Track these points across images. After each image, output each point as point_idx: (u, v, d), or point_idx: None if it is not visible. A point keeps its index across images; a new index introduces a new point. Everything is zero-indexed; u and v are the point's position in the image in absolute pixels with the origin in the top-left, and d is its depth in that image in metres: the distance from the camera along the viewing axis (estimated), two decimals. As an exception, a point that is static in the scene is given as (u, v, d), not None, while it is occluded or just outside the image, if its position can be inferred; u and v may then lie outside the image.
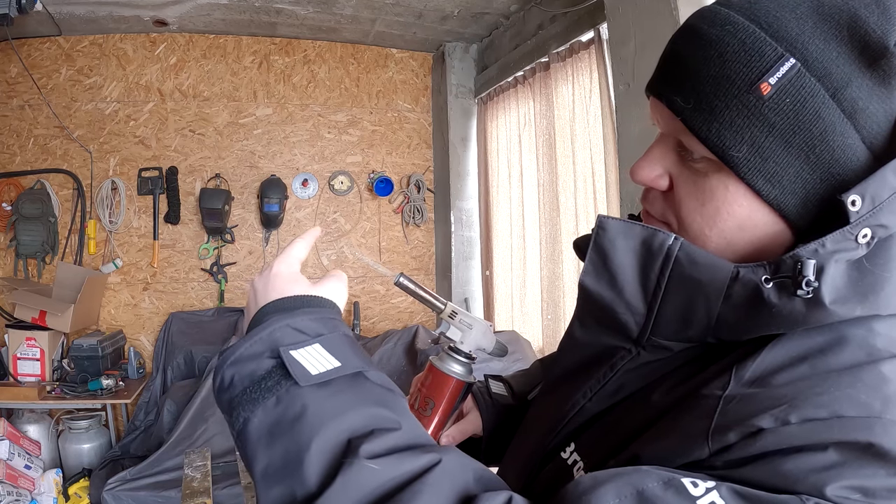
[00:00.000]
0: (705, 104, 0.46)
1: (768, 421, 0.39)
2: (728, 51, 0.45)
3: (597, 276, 0.50)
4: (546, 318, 2.97)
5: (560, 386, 0.60)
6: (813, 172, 0.45)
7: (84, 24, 3.27)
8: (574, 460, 0.54)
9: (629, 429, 0.50)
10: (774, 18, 0.44)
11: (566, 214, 2.80)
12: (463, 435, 0.79)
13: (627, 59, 2.07)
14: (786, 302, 0.42)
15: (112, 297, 3.49)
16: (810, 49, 0.43)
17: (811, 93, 0.43)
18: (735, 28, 0.45)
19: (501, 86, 3.41)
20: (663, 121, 0.51)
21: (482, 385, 0.83)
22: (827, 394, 0.40)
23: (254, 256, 3.71)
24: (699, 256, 0.46)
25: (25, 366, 3.04)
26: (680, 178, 0.51)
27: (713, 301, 0.45)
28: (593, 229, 0.51)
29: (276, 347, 0.46)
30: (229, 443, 2.72)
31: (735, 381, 0.43)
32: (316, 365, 0.45)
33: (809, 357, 0.43)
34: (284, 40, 3.73)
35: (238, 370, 0.46)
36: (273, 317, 0.49)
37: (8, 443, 2.67)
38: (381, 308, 3.93)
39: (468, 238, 3.79)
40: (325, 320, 0.50)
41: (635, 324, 0.50)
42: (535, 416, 0.65)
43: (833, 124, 0.43)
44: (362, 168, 3.89)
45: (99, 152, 3.45)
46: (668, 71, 0.50)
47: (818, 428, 0.38)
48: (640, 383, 0.52)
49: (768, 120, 0.44)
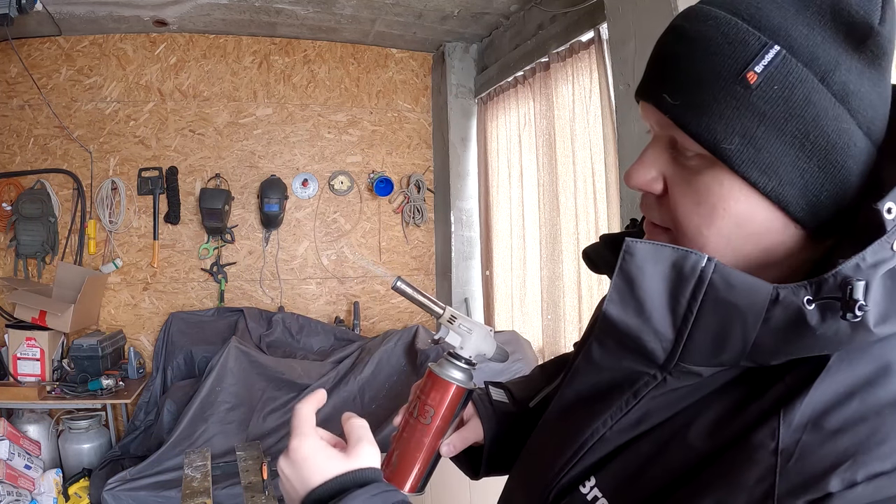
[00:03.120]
0: (694, 99, 0.45)
1: (836, 484, 0.38)
2: (712, 44, 0.44)
3: (623, 304, 0.47)
4: (546, 318, 2.97)
5: (575, 410, 0.56)
6: (809, 160, 0.44)
7: (84, 24, 3.27)
8: (595, 496, 0.51)
9: (667, 472, 0.47)
10: (756, 9, 0.44)
11: (566, 214, 2.80)
12: (464, 443, 0.76)
13: (627, 59, 2.07)
14: (830, 324, 0.40)
15: (112, 297, 3.49)
16: (794, 35, 0.43)
17: (799, 78, 0.42)
18: (717, 22, 0.45)
19: (501, 86, 3.41)
20: (654, 122, 0.50)
21: (482, 392, 0.81)
22: (887, 443, 0.39)
23: (254, 256, 3.71)
24: (735, 279, 0.43)
25: (25, 366, 3.04)
26: (674, 178, 0.50)
27: (751, 325, 0.43)
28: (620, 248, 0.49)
29: None
30: (229, 443, 2.72)
31: (785, 426, 0.41)
32: None
33: (858, 391, 0.41)
34: (284, 40, 3.73)
35: None
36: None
37: (8, 443, 2.67)
38: (381, 308, 3.93)
39: (468, 238, 3.79)
40: (385, 493, 0.51)
41: (662, 350, 0.47)
42: (547, 439, 0.61)
43: (825, 109, 0.43)
44: (362, 168, 3.89)
45: (99, 152, 3.45)
46: (655, 72, 0.49)
47: (884, 484, 0.37)
48: (666, 412, 0.49)
49: (758, 109, 0.43)
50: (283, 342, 3.47)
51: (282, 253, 3.75)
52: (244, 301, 3.67)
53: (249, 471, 2.13)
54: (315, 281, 3.81)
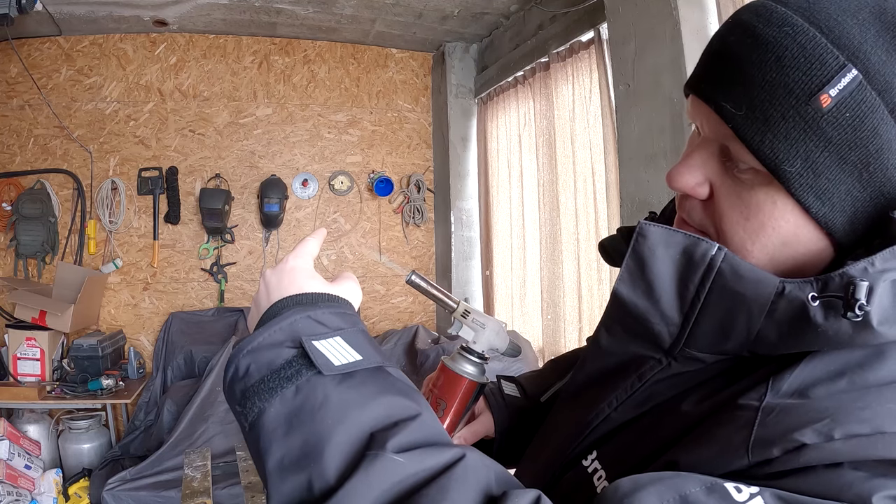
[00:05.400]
0: (759, 112, 0.43)
1: (811, 436, 0.38)
2: (787, 55, 0.42)
3: (633, 284, 0.48)
4: (546, 318, 2.97)
5: (583, 393, 0.58)
6: (864, 190, 0.43)
7: (84, 24, 3.27)
8: (594, 468, 0.53)
9: (659, 439, 0.48)
10: (836, 23, 0.41)
11: (566, 214, 2.80)
12: (475, 436, 0.77)
13: (627, 59, 2.07)
14: (832, 322, 0.40)
15: (112, 297, 3.49)
16: (872, 60, 0.40)
17: (871, 108, 0.41)
18: (794, 31, 0.42)
19: (501, 86, 3.41)
20: (708, 125, 0.48)
21: (494, 386, 0.81)
22: (869, 409, 0.39)
23: (254, 256, 3.71)
24: (744, 269, 0.44)
25: (25, 366, 3.04)
26: (722, 188, 0.48)
27: (755, 316, 0.43)
28: (631, 234, 0.49)
29: (297, 337, 0.45)
30: (229, 443, 2.72)
31: (772, 392, 0.42)
32: (338, 357, 0.44)
33: (848, 372, 0.42)
34: (284, 40, 3.73)
35: (255, 359, 0.45)
36: (293, 309, 0.49)
37: (8, 443, 2.67)
38: (381, 308, 3.93)
39: (468, 238, 3.79)
40: (345, 315, 0.50)
41: (668, 334, 0.48)
42: (556, 422, 0.63)
43: (889, 142, 0.41)
44: (362, 168, 3.89)
45: (99, 152, 3.45)
46: (716, 70, 0.46)
47: (862, 444, 0.38)
48: (668, 394, 0.51)
49: (826, 134, 0.41)
50: (283, 342, 3.46)
51: (282, 253, 3.75)
52: (244, 301, 3.67)
53: (249, 471, 2.13)
54: (315, 281, 3.80)
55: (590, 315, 2.66)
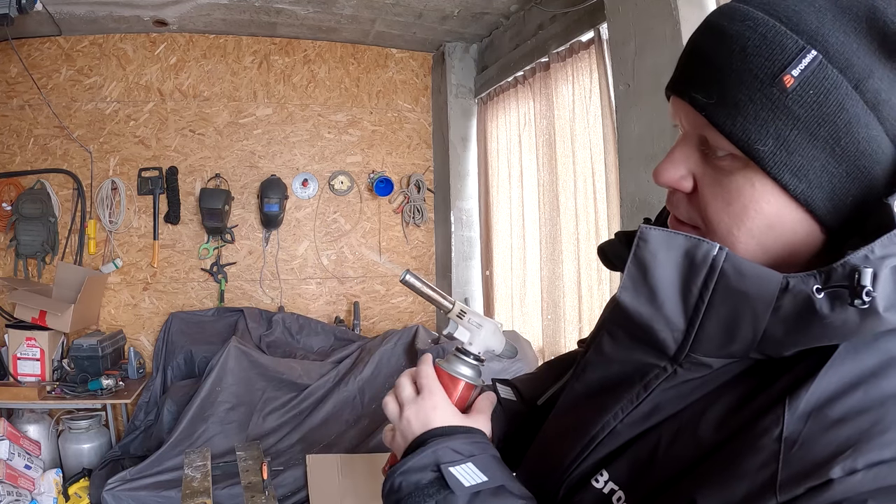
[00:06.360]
0: (729, 99, 0.45)
1: (837, 471, 0.39)
2: (749, 45, 0.44)
3: (636, 291, 0.48)
4: (546, 318, 2.97)
5: (584, 403, 0.57)
6: (839, 165, 0.44)
7: (84, 24, 3.27)
8: (611, 489, 0.52)
9: (675, 461, 0.48)
10: (793, 13, 0.44)
11: (566, 214, 2.80)
12: None
13: (627, 59, 2.07)
14: (839, 313, 0.41)
15: (112, 297, 3.49)
16: (831, 41, 0.43)
17: (834, 84, 0.43)
18: (755, 23, 0.45)
19: (501, 86, 3.41)
20: (686, 119, 0.50)
21: (490, 389, 0.80)
22: (889, 432, 0.40)
23: (254, 256, 3.71)
24: (746, 268, 0.44)
25: (25, 366, 3.04)
26: (704, 177, 0.50)
27: (761, 314, 0.44)
28: (633, 238, 0.50)
29: (437, 463, 0.57)
30: (229, 443, 2.72)
31: (790, 415, 0.42)
32: (468, 479, 0.56)
33: (862, 382, 0.42)
34: (284, 40, 3.73)
35: (406, 478, 0.57)
36: (436, 440, 0.60)
37: (8, 443, 2.67)
38: (381, 308, 3.93)
39: (468, 238, 3.79)
40: (477, 444, 0.60)
41: (674, 340, 0.48)
42: (555, 433, 0.62)
43: (857, 116, 0.43)
44: (362, 168, 3.89)
45: (99, 152, 3.45)
46: (689, 68, 0.49)
47: (884, 472, 0.38)
48: (677, 404, 0.50)
49: (793, 112, 0.44)
50: (283, 342, 3.47)
51: (282, 253, 3.75)
52: (244, 301, 3.67)
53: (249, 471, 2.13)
54: (315, 281, 3.81)
55: (590, 315, 2.66)
